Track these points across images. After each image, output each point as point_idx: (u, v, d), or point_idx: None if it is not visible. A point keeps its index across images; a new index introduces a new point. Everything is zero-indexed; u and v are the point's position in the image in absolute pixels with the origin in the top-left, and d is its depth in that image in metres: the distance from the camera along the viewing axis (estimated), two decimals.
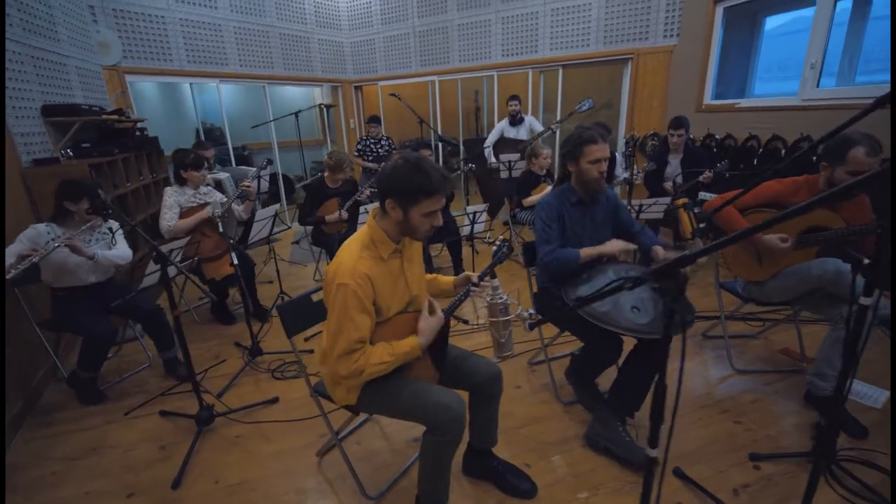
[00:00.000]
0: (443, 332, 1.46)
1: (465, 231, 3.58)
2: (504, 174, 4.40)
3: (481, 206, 3.57)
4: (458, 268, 3.88)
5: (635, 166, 3.80)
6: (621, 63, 5.01)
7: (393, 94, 4.91)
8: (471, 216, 3.50)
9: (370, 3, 6.16)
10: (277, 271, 3.43)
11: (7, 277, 1.87)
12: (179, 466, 1.88)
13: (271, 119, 5.31)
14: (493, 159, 5.08)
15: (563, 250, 1.97)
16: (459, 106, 6.25)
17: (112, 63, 4.15)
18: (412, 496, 1.66)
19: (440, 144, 5.86)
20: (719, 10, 4.15)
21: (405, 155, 1.31)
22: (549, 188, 3.93)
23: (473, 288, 1.51)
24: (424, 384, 1.43)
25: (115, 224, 2.46)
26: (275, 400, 2.34)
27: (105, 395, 2.41)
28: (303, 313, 1.74)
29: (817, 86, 3.43)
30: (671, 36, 4.61)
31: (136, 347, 2.87)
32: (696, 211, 1.62)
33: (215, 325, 3.26)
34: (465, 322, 3.15)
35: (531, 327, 1.22)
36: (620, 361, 1.98)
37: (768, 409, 2.15)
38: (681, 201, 1.64)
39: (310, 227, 3.65)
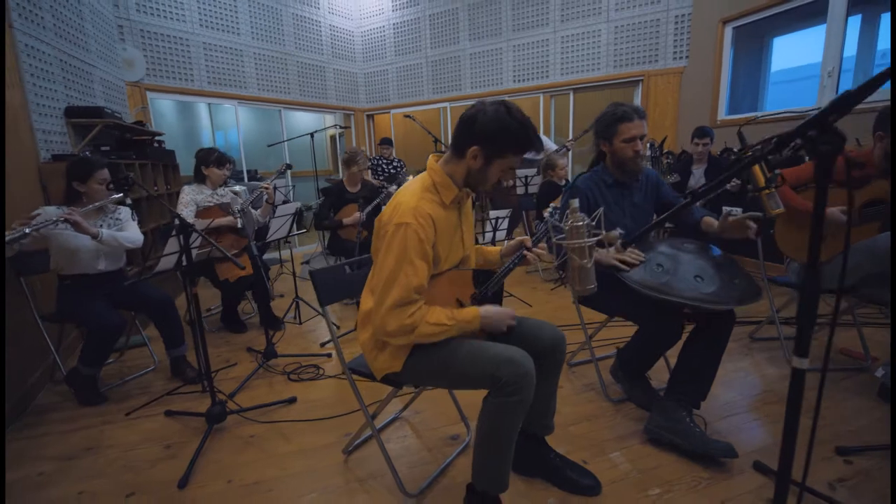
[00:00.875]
0: (496, 300, 1.31)
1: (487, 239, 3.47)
2: (520, 189, 4.35)
3: (504, 212, 3.48)
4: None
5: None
6: (631, 85, 5.13)
7: (408, 116, 4.98)
8: (493, 222, 3.41)
9: (384, 35, 6.42)
10: (295, 282, 3.28)
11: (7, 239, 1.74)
12: (187, 465, 1.65)
13: (285, 139, 5.36)
14: None
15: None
16: None
17: (135, 79, 4.22)
18: (456, 496, 1.44)
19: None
20: (728, 30, 4.28)
21: (493, 101, 1.21)
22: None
23: (526, 253, 1.37)
24: (482, 342, 1.26)
25: (125, 212, 2.35)
26: (293, 400, 2.13)
27: (105, 397, 2.19)
28: (337, 283, 1.59)
29: (836, 92, 3.46)
30: (681, 58, 4.74)
31: (141, 353, 2.67)
32: (769, 159, 1.51)
33: (225, 334, 3.07)
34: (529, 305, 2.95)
35: (625, 245, 1.07)
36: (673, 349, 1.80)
37: (841, 406, 1.94)
38: (747, 153, 1.54)
39: (325, 241, 3.54)
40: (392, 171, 4.97)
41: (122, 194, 2.11)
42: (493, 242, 3.48)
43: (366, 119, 6.86)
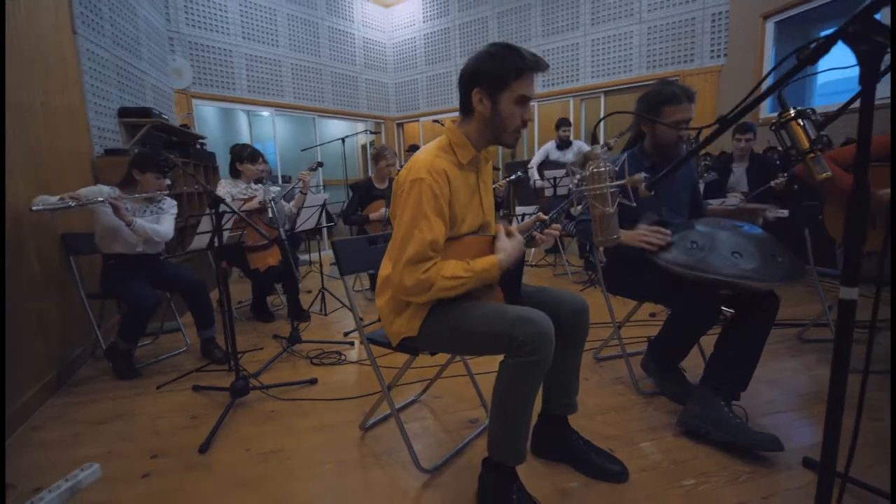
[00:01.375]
0: (517, 267, 1.27)
1: None
2: (549, 192, 4.30)
3: (531, 208, 3.43)
4: None
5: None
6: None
7: (436, 121, 5.05)
8: (519, 218, 3.37)
9: (415, 46, 6.59)
10: (322, 277, 3.34)
11: (32, 209, 1.88)
12: (209, 433, 1.67)
13: (318, 144, 5.54)
14: (536, 177, 5.01)
15: (590, 222, 1.81)
16: (535, 131, 6.31)
17: (182, 87, 4.51)
18: (471, 475, 1.38)
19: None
20: (769, 26, 4.12)
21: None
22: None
23: (536, 234, 1.34)
24: (498, 304, 1.22)
25: (169, 203, 2.47)
26: (313, 381, 2.14)
27: (139, 372, 2.28)
28: (359, 254, 1.60)
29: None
30: (718, 56, 4.60)
31: (175, 337, 2.78)
32: (813, 118, 1.42)
33: (255, 323, 3.15)
34: None
35: (649, 188, 1.02)
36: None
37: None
38: (789, 113, 1.45)
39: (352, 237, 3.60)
40: None
41: (168, 182, 2.23)
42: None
43: (396, 127, 7.01)
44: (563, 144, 5.00)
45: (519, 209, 3.38)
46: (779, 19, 4.05)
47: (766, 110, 4.28)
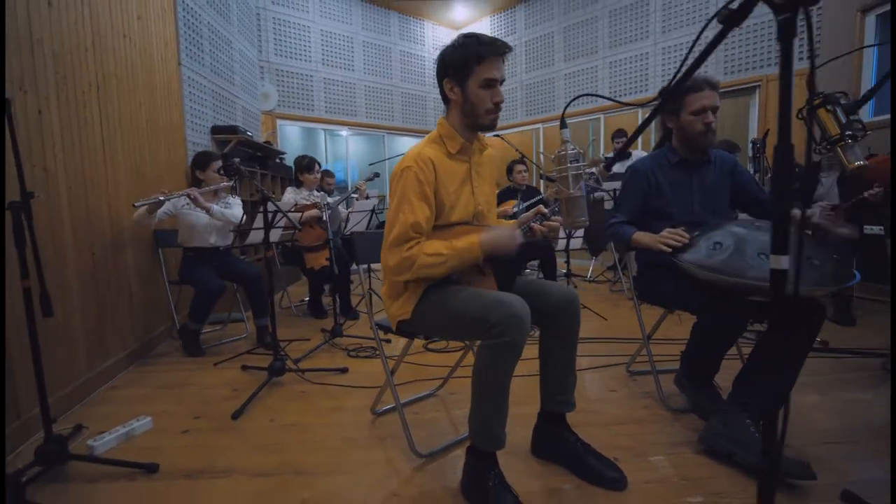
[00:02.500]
0: (512, 256, 1.28)
1: (562, 245, 3.35)
2: (608, 204, 4.14)
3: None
4: None
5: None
6: (746, 93, 4.60)
7: (496, 135, 5.13)
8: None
9: None
10: (370, 280, 3.53)
11: (135, 204, 2.28)
12: (242, 403, 1.87)
13: (386, 158, 5.90)
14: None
15: (622, 226, 1.75)
16: None
17: (269, 109, 5.11)
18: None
19: (542, 180, 5.85)
20: (870, 20, 3.64)
21: None
22: None
23: (533, 224, 1.34)
24: (483, 290, 1.24)
25: (235, 203, 2.82)
26: (345, 370, 2.28)
27: (203, 352, 2.60)
28: (374, 246, 1.71)
29: None
30: (801, 59, 4.14)
31: (238, 326, 3.11)
32: (842, 102, 1.26)
33: (309, 318, 3.42)
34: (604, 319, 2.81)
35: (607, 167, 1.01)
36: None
37: None
38: (816, 101, 1.31)
39: None
40: None
41: (232, 182, 2.57)
42: (567, 248, 3.36)
43: None
44: (622, 155, 4.79)
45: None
46: (881, 12, 3.56)
47: (867, 114, 3.74)
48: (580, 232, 3.36)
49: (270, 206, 2.13)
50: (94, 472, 1.44)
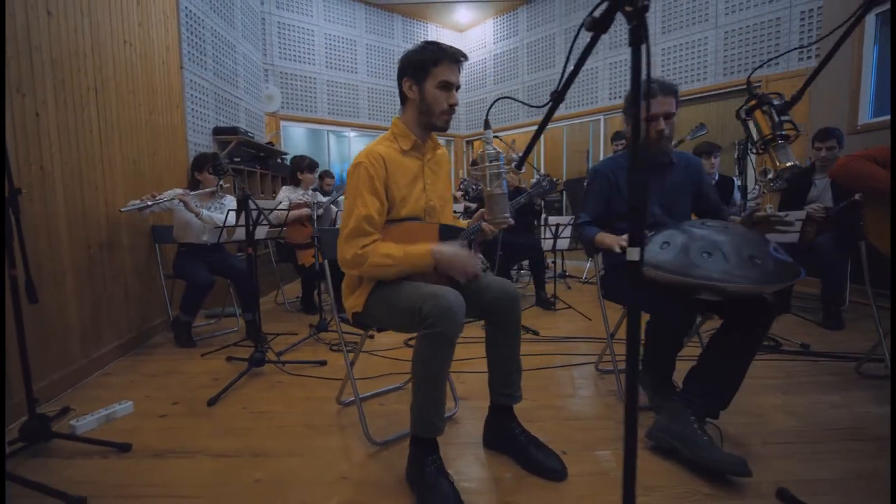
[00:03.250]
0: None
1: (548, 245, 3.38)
2: None
3: (566, 218, 3.37)
4: (539, 291, 3.61)
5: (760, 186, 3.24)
6: (746, 94, 4.54)
7: (496, 136, 5.17)
8: (553, 228, 3.32)
9: (485, 67, 6.84)
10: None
11: (122, 210, 2.39)
12: (219, 391, 1.96)
13: None
14: None
15: (587, 226, 1.79)
16: (564, 150, 6.25)
17: (272, 110, 5.25)
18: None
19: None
20: (870, 19, 3.58)
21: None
22: None
23: (483, 224, 1.40)
24: (420, 283, 1.30)
25: (230, 200, 2.94)
26: (323, 362, 2.36)
27: (194, 343, 2.72)
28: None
29: None
30: (809, 57, 4.08)
31: (231, 320, 3.23)
32: (776, 104, 1.29)
33: (300, 314, 3.52)
34: (535, 333, 2.86)
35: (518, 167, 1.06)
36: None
37: None
38: (751, 102, 1.33)
39: None
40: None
41: (221, 181, 2.68)
42: (553, 249, 3.39)
43: (465, 144, 7.27)
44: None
45: (552, 219, 3.32)
46: (881, 10, 3.50)
47: (866, 115, 3.67)
48: (567, 231, 3.37)
49: (250, 205, 2.22)
50: (72, 449, 1.55)
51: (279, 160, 4.88)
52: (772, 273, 1.32)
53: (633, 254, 0.66)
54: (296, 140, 6.44)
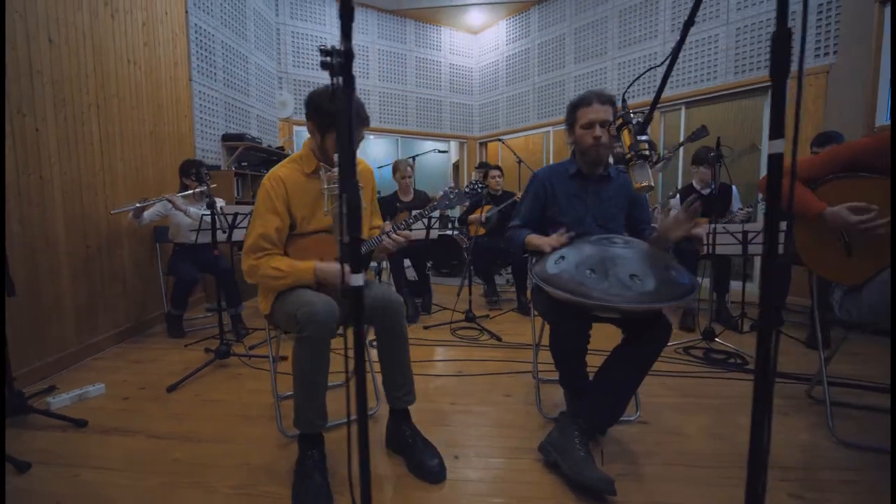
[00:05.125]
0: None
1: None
2: None
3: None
4: (521, 296, 3.63)
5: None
6: (758, 94, 4.30)
7: (499, 139, 5.19)
8: None
9: (497, 68, 6.83)
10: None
11: (112, 212, 2.67)
12: (179, 380, 2.18)
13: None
14: None
15: (517, 229, 1.81)
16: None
17: (285, 116, 5.55)
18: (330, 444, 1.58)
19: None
20: (889, 12, 3.30)
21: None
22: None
23: (383, 237, 1.51)
24: (302, 290, 1.42)
25: (219, 203, 3.18)
26: (284, 357, 2.53)
27: (184, 334, 2.99)
28: None
29: None
30: (826, 54, 3.81)
31: (224, 315, 3.49)
32: (633, 123, 1.28)
33: None
34: (498, 339, 2.90)
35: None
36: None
37: (860, 496, 1.36)
38: (619, 120, 1.33)
39: None
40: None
41: (205, 186, 2.92)
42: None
43: (478, 146, 7.31)
44: (621, 161, 4.67)
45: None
46: None
47: (883, 116, 3.38)
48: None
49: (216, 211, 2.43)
50: (43, 422, 1.80)
51: None
52: (649, 293, 1.32)
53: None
54: None
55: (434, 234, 3.07)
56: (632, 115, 1.29)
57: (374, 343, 1.56)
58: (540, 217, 1.86)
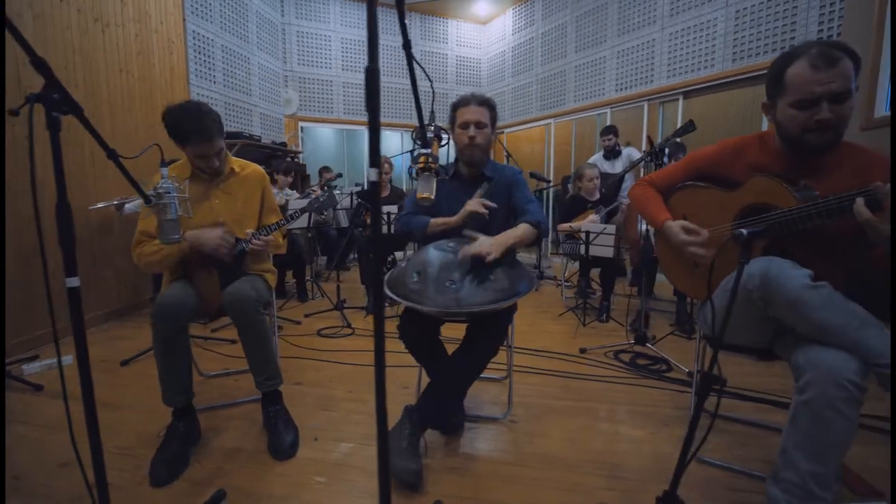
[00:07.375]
0: (231, 260, 1.65)
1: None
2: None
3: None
4: None
5: None
6: (757, 81, 4.01)
7: (500, 131, 5.19)
8: None
9: (504, 59, 6.75)
10: (313, 273, 4.03)
11: (90, 208, 3.02)
12: (134, 355, 2.50)
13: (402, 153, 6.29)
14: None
15: (413, 217, 1.82)
16: (573, 144, 5.99)
17: (290, 113, 5.87)
18: (229, 421, 1.80)
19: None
20: (889, 2, 2.96)
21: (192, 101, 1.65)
22: (594, 216, 3.43)
23: (252, 241, 1.69)
24: (179, 285, 1.63)
25: None
26: (234, 341, 2.80)
27: None
28: None
29: None
30: (830, 38, 3.48)
31: None
32: (430, 136, 1.34)
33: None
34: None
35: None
36: None
37: None
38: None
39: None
40: None
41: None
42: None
43: None
44: (611, 154, 4.54)
45: None
46: None
47: (882, 107, 3.06)
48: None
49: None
50: (16, 386, 2.17)
51: (289, 158, 5.48)
52: (461, 298, 1.39)
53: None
54: (320, 139, 7.06)
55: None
56: (442, 131, 1.36)
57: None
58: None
